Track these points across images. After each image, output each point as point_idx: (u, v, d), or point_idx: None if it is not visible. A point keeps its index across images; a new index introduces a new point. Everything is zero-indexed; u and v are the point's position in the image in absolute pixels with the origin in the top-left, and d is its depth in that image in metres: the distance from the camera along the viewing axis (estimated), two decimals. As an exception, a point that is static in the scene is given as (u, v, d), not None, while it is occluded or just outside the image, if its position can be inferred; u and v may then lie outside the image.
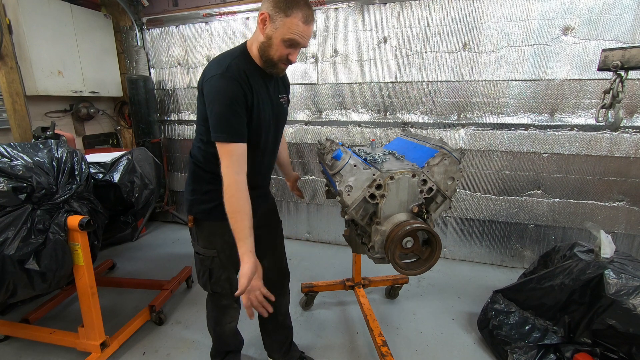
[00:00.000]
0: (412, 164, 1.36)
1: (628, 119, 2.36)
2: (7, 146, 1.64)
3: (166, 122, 3.66)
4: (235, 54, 1.24)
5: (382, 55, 2.78)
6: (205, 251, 1.39)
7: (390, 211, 1.28)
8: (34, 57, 2.77)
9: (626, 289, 1.49)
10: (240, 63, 1.20)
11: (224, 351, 1.67)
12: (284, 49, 1.18)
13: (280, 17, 1.13)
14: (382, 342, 1.72)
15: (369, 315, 1.91)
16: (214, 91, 1.16)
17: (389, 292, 2.40)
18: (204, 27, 3.24)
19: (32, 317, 2.09)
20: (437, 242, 1.22)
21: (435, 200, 1.35)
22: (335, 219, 3.24)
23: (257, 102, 1.23)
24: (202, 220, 1.37)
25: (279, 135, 1.45)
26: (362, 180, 1.25)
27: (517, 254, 2.81)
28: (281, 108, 1.39)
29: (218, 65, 1.19)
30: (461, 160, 1.33)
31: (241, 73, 1.18)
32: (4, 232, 1.43)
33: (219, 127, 1.15)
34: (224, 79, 1.15)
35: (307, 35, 1.18)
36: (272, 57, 1.20)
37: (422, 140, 1.62)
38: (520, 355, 1.67)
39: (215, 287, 1.44)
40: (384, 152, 1.63)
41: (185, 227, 3.78)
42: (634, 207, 2.47)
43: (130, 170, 2.02)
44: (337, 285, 2.27)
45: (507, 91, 2.55)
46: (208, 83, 1.17)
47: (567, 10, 2.32)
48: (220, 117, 1.15)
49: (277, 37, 1.16)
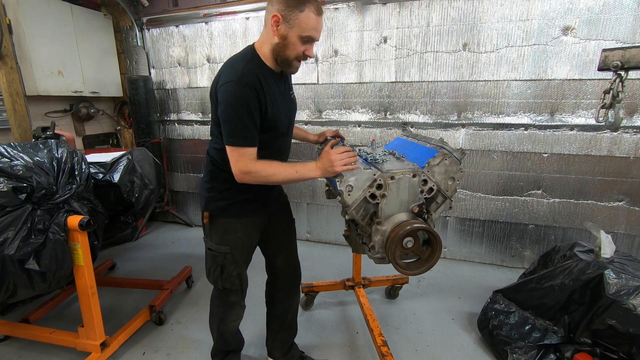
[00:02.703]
0: (412, 164, 1.36)
1: (628, 119, 2.36)
2: (7, 146, 1.64)
3: (166, 122, 3.66)
4: (247, 56, 1.25)
5: (382, 55, 2.78)
6: (218, 247, 1.42)
7: (390, 211, 1.28)
8: (34, 57, 2.77)
9: (626, 289, 1.49)
10: (252, 67, 1.22)
11: (225, 350, 1.67)
12: (300, 45, 1.21)
13: (294, 14, 1.16)
14: (382, 342, 1.72)
15: (369, 315, 1.91)
16: (229, 97, 1.18)
17: (389, 292, 2.40)
18: (204, 27, 3.24)
19: (32, 317, 2.09)
20: (438, 242, 1.22)
21: (435, 200, 1.35)
22: (335, 219, 3.24)
23: (271, 102, 1.26)
24: (217, 216, 1.41)
25: (291, 129, 1.49)
26: (362, 180, 1.25)
27: (517, 254, 2.81)
28: (293, 103, 1.46)
29: (232, 71, 1.20)
30: (462, 160, 1.33)
31: (255, 77, 1.20)
32: (4, 232, 1.43)
33: (234, 133, 1.21)
34: (239, 86, 1.17)
35: (320, 28, 1.22)
36: (288, 57, 1.24)
37: (423, 140, 1.61)
38: (520, 355, 1.67)
39: (226, 283, 1.46)
40: (385, 152, 1.63)
41: (185, 227, 3.79)
42: (634, 207, 2.47)
43: (130, 170, 2.02)
44: (337, 285, 2.27)
45: (507, 91, 2.55)
46: (223, 88, 1.19)
47: (567, 10, 2.32)
48: (235, 124, 1.20)
49: (293, 36, 1.19)
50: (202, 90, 3.42)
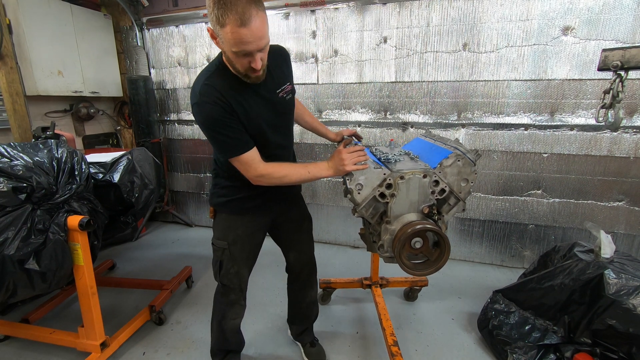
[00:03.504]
0: (424, 164, 1.36)
1: (628, 119, 2.36)
2: (7, 146, 1.64)
3: (166, 122, 3.66)
4: (209, 71, 1.21)
5: (382, 55, 2.78)
6: (218, 242, 1.46)
7: (400, 211, 1.28)
8: (34, 57, 2.76)
9: (626, 289, 1.49)
10: (213, 82, 1.17)
11: (224, 349, 1.68)
12: (241, 59, 1.09)
13: (219, 30, 1.03)
14: (394, 341, 1.72)
15: (382, 315, 1.91)
16: (199, 121, 1.20)
17: (408, 294, 2.37)
18: (204, 27, 3.24)
19: (32, 317, 2.09)
20: (446, 244, 1.22)
21: (448, 202, 1.34)
22: (335, 219, 3.24)
23: (244, 111, 1.21)
24: (218, 212, 1.47)
25: (287, 129, 1.44)
26: (372, 179, 1.27)
27: (517, 254, 2.81)
28: (283, 102, 1.33)
29: (192, 92, 1.20)
30: (476, 162, 1.30)
31: (215, 93, 1.15)
32: (4, 232, 1.42)
33: (222, 150, 1.24)
34: (202, 107, 1.16)
35: (253, 38, 1.03)
36: (239, 70, 1.15)
37: (440, 141, 1.60)
38: (520, 355, 1.67)
39: (224, 279, 1.49)
40: (400, 152, 1.63)
41: (185, 227, 3.79)
42: (634, 207, 2.47)
43: (130, 170, 2.02)
44: (355, 283, 2.29)
45: (507, 91, 2.55)
46: (193, 113, 1.21)
47: (567, 10, 2.32)
48: (217, 142, 1.22)
49: (228, 51, 1.09)
50: (202, 90, 3.41)
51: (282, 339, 2.01)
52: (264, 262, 1.67)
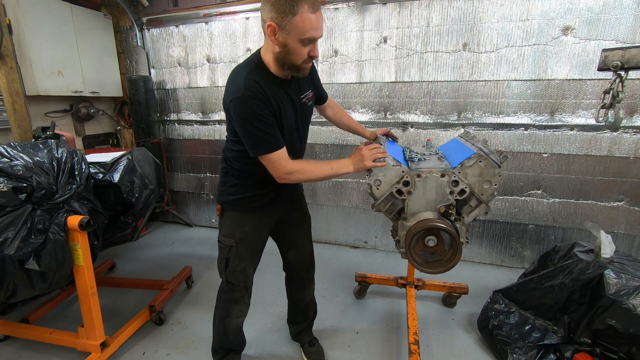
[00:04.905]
0: (446, 164, 1.36)
1: (628, 119, 2.36)
2: (7, 146, 1.64)
3: (166, 122, 3.66)
4: (250, 65, 1.24)
5: (382, 55, 2.78)
6: (225, 240, 1.47)
7: (416, 208, 1.31)
8: (34, 57, 2.76)
9: (626, 289, 1.49)
10: (255, 77, 1.20)
11: (226, 348, 1.68)
12: (303, 48, 1.17)
13: (289, 19, 1.10)
14: (415, 340, 1.73)
15: (410, 314, 1.92)
16: (240, 114, 1.19)
17: (445, 300, 2.30)
18: (204, 27, 3.24)
19: (32, 317, 2.09)
20: (457, 245, 1.22)
21: (469, 204, 1.33)
22: (335, 219, 3.24)
23: (279, 110, 1.26)
24: (227, 210, 1.48)
25: (305, 132, 1.48)
26: (390, 176, 1.31)
27: (517, 254, 2.81)
28: (304, 108, 1.40)
29: (234, 86, 1.20)
30: (501, 164, 1.27)
31: (258, 88, 1.19)
32: (4, 232, 1.42)
33: (256, 145, 1.23)
34: (245, 101, 1.17)
35: (320, 25, 1.16)
36: (294, 62, 1.20)
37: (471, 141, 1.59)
38: (520, 355, 1.67)
39: (230, 276, 1.49)
40: (431, 152, 1.65)
41: (185, 227, 3.79)
42: (634, 207, 2.47)
43: (130, 170, 2.02)
44: (390, 281, 2.31)
45: (507, 91, 2.55)
46: (232, 106, 1.20)
47: (567, 10, 2.32)
48: (254, 136, 1.22)
49: (292, 42, 1.15)
50: (202, 90, 3.42)
51: (282, 339, 2.01)
52: (264, 262, 1.67)
